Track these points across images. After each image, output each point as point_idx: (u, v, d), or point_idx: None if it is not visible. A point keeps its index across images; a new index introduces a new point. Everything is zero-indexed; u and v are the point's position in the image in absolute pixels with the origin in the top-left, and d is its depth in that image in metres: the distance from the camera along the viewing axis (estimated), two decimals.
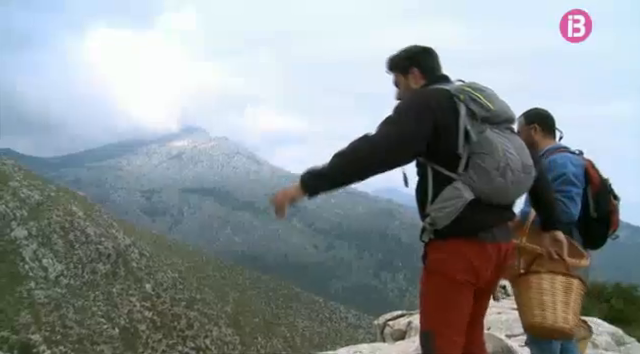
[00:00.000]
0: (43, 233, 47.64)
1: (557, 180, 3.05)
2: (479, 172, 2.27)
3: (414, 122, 2.26)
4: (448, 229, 2.28)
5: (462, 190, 2.26)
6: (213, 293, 62.80)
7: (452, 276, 2.31)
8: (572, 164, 3.14)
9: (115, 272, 50.89)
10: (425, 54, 2.58)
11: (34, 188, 53.27)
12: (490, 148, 2.29)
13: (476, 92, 2.35)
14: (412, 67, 2.56)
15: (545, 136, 3.36)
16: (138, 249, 57.00)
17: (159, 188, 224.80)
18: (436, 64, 2.57)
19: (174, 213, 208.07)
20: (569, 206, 3.00)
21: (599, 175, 3.19)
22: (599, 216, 3.16)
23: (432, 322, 2.37)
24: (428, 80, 2.53)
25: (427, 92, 2.41)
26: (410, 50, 2.60)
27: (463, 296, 2.35)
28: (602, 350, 5.70)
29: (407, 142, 2.25)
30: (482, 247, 2.32)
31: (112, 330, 43.88)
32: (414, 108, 2.31)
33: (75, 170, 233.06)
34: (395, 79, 2.63)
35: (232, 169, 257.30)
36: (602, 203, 3.15)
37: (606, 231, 3.19)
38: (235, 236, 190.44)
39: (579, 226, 3.19)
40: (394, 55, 2.63)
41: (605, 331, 6.27)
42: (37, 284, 42.91)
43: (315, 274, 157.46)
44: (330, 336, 68.01)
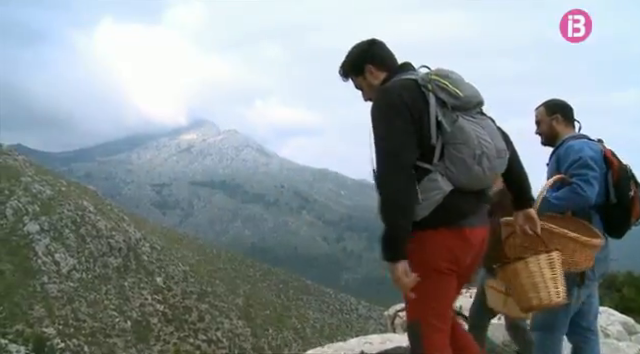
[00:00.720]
0: (55, 228, 48.05)
1: (574, 164, 3.03)
2: (455, 162, 2.28)
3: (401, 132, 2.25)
4: (428, 220, 2.28)
5: (440, 181, 2.27)
6: (224, 286, 63.12)
7: (435, 265, 2.32)
8: (590, 149, 3.10)
9: (126, 266, 51.26)
10: (373, 47, 2.52)
11: (45, 183, 53.71)
12: (464, 137, 2.29)
13: (443, 79, 2.32)
14: (365, 64, 2.49)
15: (567, 126, 3.34)
16: (149, 243, 57.37)
17: (169, 182, 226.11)
18: (387, 53, 2.52)
19: (184, 206, 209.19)
20: (585, 189, 2.95)
21: (619, 161, 3.15)
22: (620, 202, 3.12)
23: (418, 312, 2.39)
24: (389, 71, 2.48)
25: (395, 88, 2.34)
26: (358, 47, 2.55)
27: (447, 284, 2.38)
28: (614, 339, 5.66)
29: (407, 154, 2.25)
30: (462, 235, 2.34)
31: (124, 323, 44.26)
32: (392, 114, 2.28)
33: (86, 165, 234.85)
34: (355, 84, 2.55)
35: (241, 162, 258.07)
36: (623, 189, 3.10)
37: (627, 218, 3.14)
38: (245, 229, 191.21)
39: (600, 212, 3.16)
40: (343, 62, 2.57)
41: (617, 320, 6.21)
42: (50, 278, 43.33)
43: (325, 266, 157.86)
44: (341, 327, 68.20)
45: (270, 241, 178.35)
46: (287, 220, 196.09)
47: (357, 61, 2.51)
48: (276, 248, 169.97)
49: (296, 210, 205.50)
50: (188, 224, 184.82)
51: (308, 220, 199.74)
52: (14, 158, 58.27)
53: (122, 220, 58.20)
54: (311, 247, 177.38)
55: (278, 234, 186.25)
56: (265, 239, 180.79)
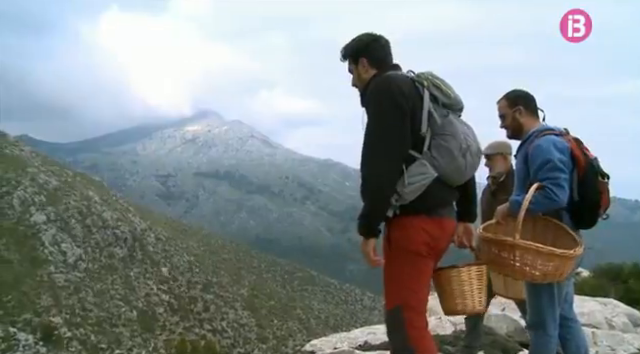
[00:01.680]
0: (61, 218, 48.30)
1: (544, 167, 3.00)
2: (442, 152, 2.47)
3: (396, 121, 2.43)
4: (413, 205, 2.44)
5: (428, 167, 2.44)
6: (229, 276, 63.41)
7: (417, 251, 2.48)
8: (556, 148, 3.04)
9: (132, 256, 51.54)
10: (374, 44, 2.68)
11: (52, 174, 53.95)
12: (453, 130, 2.51)
13: (436, 80, 2.54)
14: (361, 57, 2.66)
15: (530, 117, 3.30)
16: (154, 233, 57.62)
17: (174, 172, 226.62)
18: (385, 54, 2.68)
19: (189, 197, 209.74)
20: (557, 193, 2.93)
21: (585, 156, 3.12)
22: (586, 198, 3.11)
23: (401, 297, 2.51)
24: (379, 70, 2.64)
25: (394, 79, 2.52)
26: (360, 39, 2.70)
27: (426, 267, 2.55)
28: (619, 331, 5.67)
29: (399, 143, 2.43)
30: (441, 222, 2.53)
31: (130, 313, 44.57)
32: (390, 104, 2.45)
33: (91, 155, 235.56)
34: (349, 67, 2.73)
35: (246, 153, 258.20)
36: (589, 184, 3.09)
37: (595, 212, 3.13)
38: (250, 220, 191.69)
39: (567, 209, 3.15)
40: (346, 44, 2.74)
41: (622, 312, 6.22)
42: (57, 268, 43.63)
43: (330, 257, 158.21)
44: (345, 318, 68.45)
45: (275, 232, 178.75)
46: (292, 211, 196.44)
47: (355, 50, 2.69)
48: (281, 239, 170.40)
49: (301, 201, 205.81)
50: (193, 215, 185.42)
51: (313, 211, 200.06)
52: (21, 149, 58.49)
53: (127, 211, 58.44)
54: (316, 238, 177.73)
55: (283, 225, 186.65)
56: (270, 230, 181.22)
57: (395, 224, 2.50)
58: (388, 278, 2.55)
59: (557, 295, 3.26)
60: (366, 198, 2.45)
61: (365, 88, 2.64)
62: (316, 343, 5.99)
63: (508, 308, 5.83)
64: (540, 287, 3.24)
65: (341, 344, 5.71)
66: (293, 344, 49.87)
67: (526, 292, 3.38)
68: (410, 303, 2.50)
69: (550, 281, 2.97)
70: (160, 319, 46.65)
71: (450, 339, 5.04)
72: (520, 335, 5.45)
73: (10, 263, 41.36)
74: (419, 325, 2.51)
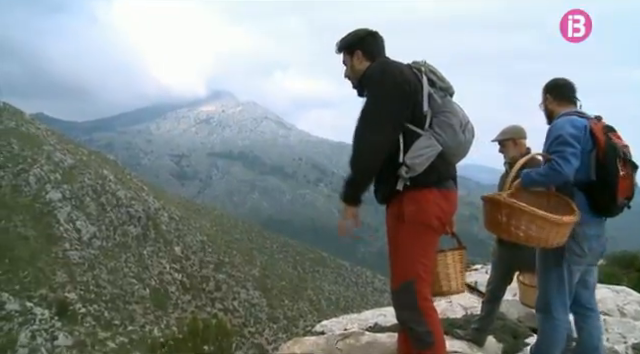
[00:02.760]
0: (76, 196, 48.86)
1: (554, 142, 3.08)
2: (445, 128, 2.64)
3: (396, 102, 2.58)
4: (421, 179, 2.58)
5: (434, 140, 2.60)
6: (241, 256, 63.90)
7: (429, 223, 2.61)
8: (572, 126, 3.11)
9: (145, 235, 52.09)
10: (369, 38, 2.82)
11: (67, 152, 54.46)
12: (452, 108, 2.71)
13: (429, 67, 2.72)
14: (356, 49, 2.80)
15: (559, 104, 3.39)
16: (167, 212, 58.13)
17: (188, 152, 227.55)
18: (379, 48, 2.83)
19: (203, 177, 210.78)
20: (562, 165, 3.00)
21: (607, 137, 3.10)
22: (603, 180, 3.08)
23: (414, 270, 2.62)
24: (373, 62, 2.76)
25: (392, 62, 2.72)
26: (356, 33, 2.84)
27: (434, 240, 2.70)
28: (630, 319, 5.64)
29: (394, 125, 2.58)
30: (448, 195, 2.69)
31: (143, 290, 45.20)
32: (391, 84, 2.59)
33: (106, 134, 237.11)
34: (343, 59, 2.89)
35: (260, 133, 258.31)
36: (608, 167, 3.06)
37: (611, 196, 3.10)
38: (263, 200, 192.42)
39: (583, 190, 3.15)
40: (342, 37, 2.86)
41: (634, 300, 6.19)
42: (72, 245, 44.25)
43: (342, 239, 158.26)
44: (356, 300, 68.83)
45: (287, 213, 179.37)
46: (304, 192, 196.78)
47: (351, 43, 2.83)
48: (293, 220, 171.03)
49: (314, 182, 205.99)
50: (206, 195, 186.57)
51: (325, 193, 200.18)
52: (37, 127, 59.05)
53: (141, 190, 58.97)
54: (328, 220, 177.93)
55: (295, 206, 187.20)
56: (282, 211, 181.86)
57: (408, 198, 2.62)
58: (402, 252, 2.66)
59: (567, 280, 3.26)
60: (354, 166, 2.59)
61: (360, 79, 2.79)
62: (326, 324, 6.03)
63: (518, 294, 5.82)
64: (549, 270, 3.27)
65: (351, 325, 5.74)
66: (304, 324, 50.33)
67: (537, 274, 3.42)
68: (422, 276, 2.62)
69: (533, 245, 3.10)
70: (172, 297, 47.28)
71: (461, 323, 5.04)
72: (531, 320, 5.45)
73: (27, 239, 42.03)
74: (427, 297, 2.65)
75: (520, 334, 4.93)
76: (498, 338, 4.65)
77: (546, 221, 2.92)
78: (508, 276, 4.45)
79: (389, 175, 2.63)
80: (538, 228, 2.94)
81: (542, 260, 3.33)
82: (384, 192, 2.74)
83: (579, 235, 3.15)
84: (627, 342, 4.98)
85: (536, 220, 2.93)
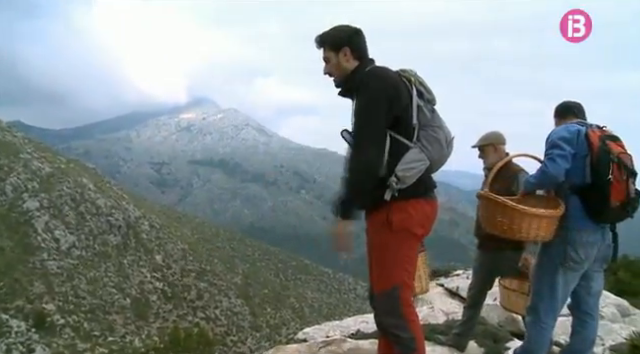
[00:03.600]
0: (54, 205, 48.14)
1: (547, 146, 3.22)
2: (432, 142, 2.68)
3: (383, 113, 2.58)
4: (411, 190, 2.61)
5: (424, 154, 2.64)
6: (222, 264, 63.49)
7: (414, 232, 2.67)
8: (565, 130, 3.23)
9: (126, 243, 51.49)
10: (356, 36, 2.78)
11: (44, 160, 53.67)
12: (440, 123, 2.75)
13: (419, 78, 2.73)
14: (344, 46, 2.75)
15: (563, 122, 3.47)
16: (148, 221, 57.53)
17: (168, 160, 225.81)
18: (365, 46, 2.79)
19: (183, 185, 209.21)
20: (547, 166, 3.12)
21: (602, 143, 3.17)
22: (596, 184, 3.14)
23: (399, 277, 2.67)
24: (361, 61, 2.76)
25: (388, 73, 2.69)
26: (343, 29, 2.79)
27: (416, 248, 2.77)
28: (607, 321, 5.72)
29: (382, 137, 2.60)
30: (432, 204, 2.75)
31: (123, 300, 44.61)
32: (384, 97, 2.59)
33: (85, 142, 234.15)
34: (325, 55, 2.81)
35: (241, 141, 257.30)
36: (600, 170, 3.13)
37: (605, 200, 3.15)
38: (244, 208, 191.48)
39: (578, 193, 3.20)
40: (325, 32, 2.81)
41: (611, 303, 6.28)
42: (49, 255, 43.54)
43: (324, 246, 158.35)
44: (339, 307, 68.73)
45: (269, 220, 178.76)
46: (286, 200, 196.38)
47: (339, 39, 2.76)
48: (275, 228, 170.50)
49: (295, 190, 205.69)
50: (187, 203, 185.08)
51: (307, 200, 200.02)
52: (13, 135, 58.13)
53: (121, 198, 58.30)
54: (310, 227, 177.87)
55: (277, 213, 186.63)
56: (264, 218, 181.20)
57: (397, 208, 2.63)
58: (388, 259, 2.69)
59: (561, 286, 3.28)
60: (353, 182, 2.58)
61: (347, 79, 2.75)
62: (309, 331, 6.02)
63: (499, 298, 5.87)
64: (544, 275, 3.31)
65: (334, 332, 5.74)
66: (286, 332, 50.08)
67: (532, 274, 3.52)
68: (406, 282, 2.67)
69: (509, 237, 3.23)
70: (153, 307, 46.74)
71: (442, 328, 5.07)
72: (511, 324, 5.50)
73: (2, 250, 41.25)
74: (410, 303, 2.70)
75: (501, 338, 4.97)
76: (479, 343, 4.68)
77: (515, 211, 3.08)
78: (489, 281, 4.49)
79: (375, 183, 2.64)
80: (509, 218, 3.10)
81: (538, 264, 3.40)
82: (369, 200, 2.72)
83: (575, 241, 3.20)
84: (605, 344, 5.05)
85: (507, 210, 3.10)
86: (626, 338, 5.02)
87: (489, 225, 3.27)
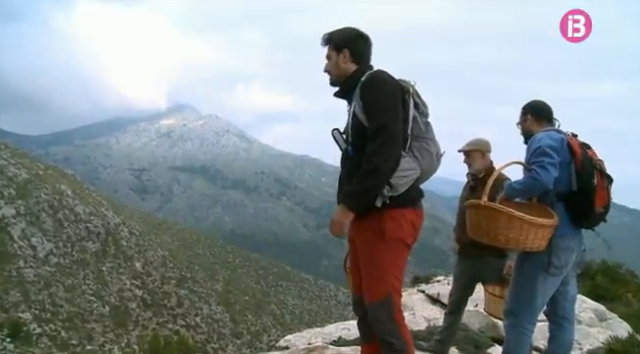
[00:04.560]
0: (32, 212, 47.33)
1: (534, 153, 3.24)
2: (424, 154, 2.72)
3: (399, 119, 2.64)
4: (403, 197, 2.64)
5: (416, 164, 2.68)
6: (203, 271, 62.97)
7: (406, 241, 2.70)
8: (550, 138, 3.30)
9: (105, 251, 50.81)
10: (360, 39, 2.83)
11: (22, 166, 52.77)
12: (433, 136, 2.79)
13: (416, 89, 2.75)
14: (345, 47, 2.79)
15: (539, 124, 3.55)
16: (128, 228, 56.87)
17: (149, 166, 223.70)
18: (367, 52, 2.84)
19: (164, 191, 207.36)
20: (540, 174, 3.13)
21: (583, 151, 3.26)
22: (582, 191, 3.22)
23: (392, 285, 2.69)
24: (359, 65, 2.80)
25: (393, 81, 2.71)
26: (347, 31, 2.83)
27: (407, 256, 2.80)
28: (585, 326, 5.80)
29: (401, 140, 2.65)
30: (420, 214, 2.80)
31: (102, 308, 43.98)
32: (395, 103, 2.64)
33: (63, 148, 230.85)
34: (327, 53, 2.85)
35: (222, 147, 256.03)
36: (585, 177, 3.21)
37: (591, 207, 3.23)
38: (225, 215, 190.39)
39: (564, 200, 3.26)
40: (332, 32, 2.85)
41: (589, 307, 6.38)
42: (26, 263, 42.75)
43: (305, 252, 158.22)
44: (320, 314, 68.57)
45: (250, 227, 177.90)
46: (267, 206, 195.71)
47: (341, 40, 2.81)
48: (256, 234, 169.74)
49: (276, 196, 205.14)
50: (167, 209, 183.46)
51: (288, 206, 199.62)
52: None
53: (101, 205, 57.55)
54: (291, 233, 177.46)
55: (258, 220, 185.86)
56: (245, 225, 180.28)
57: (388, 216, 2.66)
58: (381, 267, 2.69)
59: (541, 291, 3.33)
60: (372, 184, 2.55)
61: (345, 80, 2.80)
62: (290, 338, 6.01)
63: (481, 304, 5.92)
64: (525, 280, 3.35)
65: (315, 339, 5.74)
66: (267, 339, 49.81)
67: (511, 280, 3.51)
68: (398, 289, 2.73)
69: (512, 248, 3.25)
70: (133, 314, 46.14)
71: (424, 334, 5.10)
72: (492, 330, 5.55)
73: None
74: (400, 308, 2.75)
75: (482, 344, 5.01)
76: (461, 349, 4.72)
77: (523, 222, 3.03)
78: (470, 288, 4.53)
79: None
80: (516, 229, 3.04)
81: (519, 269, 3.41)
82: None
83: (557, 247, 3.25)
84: (582, 349, 5.12)
85: (514, 221, 3.03)
86: (603, 342, 5.10)
87: (487, 236, 3.19)
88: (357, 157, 2.67)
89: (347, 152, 2.79)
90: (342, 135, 2.81)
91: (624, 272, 10.12)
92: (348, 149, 2.76)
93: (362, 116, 2.67)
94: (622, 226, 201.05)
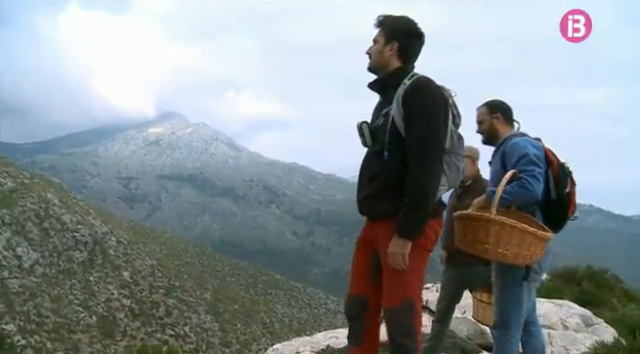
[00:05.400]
0: (17, 221, 46.84)
1: (521, 161, 3.19)
2: (452, 169, 2.66)
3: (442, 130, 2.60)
4: (433, 209, 2.61)
5: (444, 179, 2.63)
6: (192, 280, 62.60)
7: (430, 248, 2.72)
8: (533, 146, 3.28)
9: (92, 260, 50.36)
10: (415, 38, 2.72)
11: (7, 175, 52.26)
12: (461, 151, 2.73)
13: (454, 100, 2.69)
14: (395, 40, 2.67)
15: (506, 125, 3.54)
16: (116, 236, 56.44)
17: (137, 175, 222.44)
18: (417, 51, 2.73)
19: (152, 200, 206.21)
20: (533, 184, 3.09)
21: (557, 158, 3.31)
22: (558, 198, 3.26)
23: (415, 290, 2.70)
24: (404, 63, 2.70)
25: (441, 92, 2.63)
26: (404, 23, 2.71)
27: (427, 260, 2.81)
28: (572, 331, 5.84)
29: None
30: (442, 222, 2.81)
31: (89, 318, 43.51)
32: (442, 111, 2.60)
33: (50, 157, 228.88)
34: (375, 37, 2.74)
35: (211, 155, 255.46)
36: (561, 185, 3.24)
37: (565, 213, 3.28)
38: (214, 223, 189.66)
39: (541, 208, 3.29)
40: (391, 17, 2.73)
41: (575, 313, 6.41)
42: (11, 273, 42.25)
43: (294, 260, 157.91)
44: (309, 322, 68.36)
45: (239, 235, 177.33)
46: (256, 214, 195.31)
47: (395, 30, 2.69)
48: (245, 242, 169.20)
49: (265, 204, 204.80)
50: (156, 218, 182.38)
51: (277, 214, 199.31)
52: None
53: (88, 213, 57.10)
54: (280, 241, 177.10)
55: (247, 228, 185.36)
56: (234, 233, 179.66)
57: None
58: (405, 272, 2.62)
59: (525, 298, 3.35)
60: (425, 203, 2.53)
61: (386, 74, 2.71)
62: (279, 347, 5.99)
63: (469, 311, 5.94)
64: (509, 289, 3.35)
65: (303, 348, 5.72)
66: (257, 348, 49.53)
67: (495, 291, 3.48)
68: (419, 294, 2.75)
69: (520, 263, 3.06)
70: (121, 324, 45.70)
71: None
72: (479, 337, 5.57)
73: None
74: (420, 312, 2.77)
75: (469, 351, 5.03)
76: None
77: (535, 237, 2.95)
78: (457, 295, 4.54)
79: (396, 193, 2.60)
80: (528, 245, 2.94)
81: (502, 279, 3.37)
82: (387, 209, 2.65)
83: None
84: None
85: (527, 237, 2.93)
86: (590, 348, 5.13)
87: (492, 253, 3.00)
88: (391, 163, 2.62)
89: (377, 154, 2.68)
90: (371, 132, 2.69)
91: (609, 277, 10.20)
92: (384, 153, 2.62)
93: (401, 124, 2.58)
94: (608, 232, 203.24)
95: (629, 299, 9.29)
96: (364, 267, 2.86)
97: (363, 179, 2.82)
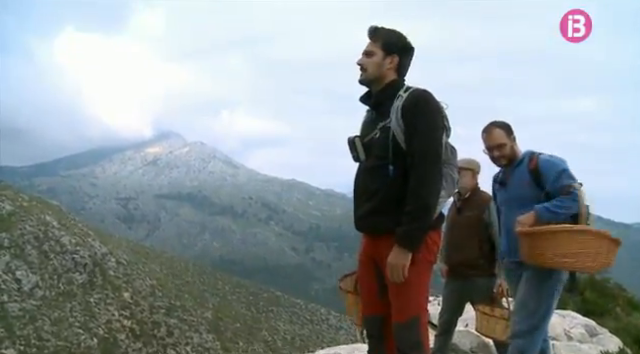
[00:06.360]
0: (16, 244, 46.63)
1: (562, 175, 3.26)
2: (448, 179, 2.67)
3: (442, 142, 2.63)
4: (435, 221, 2.64)
5: (444, 191, 2.65)
6: (193, 299, 62.16)
7: (433, 261, 2.72)
8: (562, 161, 3.40)
9: (92, 281, 50.01)
10: (411, 51, 2.74)
11: (5, 198, 52.14)
12: (455, 162, 2.75)
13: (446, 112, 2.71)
14: (395, 53, 2.68)
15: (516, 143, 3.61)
16: (115, 257, 56.12)
17: (135, 195, 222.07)
18: (409, 64, 2.76)
19: (151, 220, 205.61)
20: (577, 197, 3.20)
21: None
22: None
23: (421, 306, 2.71)
24: (399, 77, 2.73)
25: (439, 104, 2.65)
26: (401, 37, 2.72)
27: (431, 273, 2.80)
28: (576, 342, 5.81)
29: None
30: (441, 234, 2.82)
31: (90, 341, 43.10)
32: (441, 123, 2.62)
33: (48, 179, 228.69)
34: (370, 49, 2.70)
35: (209, 174, 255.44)
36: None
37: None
38: (213, 241, 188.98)
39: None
40: (381, 28, 2.70)
41: (579, 323, 6.39)
42: (10, 297, 41.93)
43: (295, 277, 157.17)
44: (312, 338, 67.78)
45: (239, 253, 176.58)
46: (255, 231, 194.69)
47: (395, 43, 2.70)
48: (245, 260, 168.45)
49: (264, 221, 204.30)
50: (155, 238, 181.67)
51: (277, 231, 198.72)
52: None
53: (87, 235, 56.84)
54: (280, 258, 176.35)
55: (247, 246, 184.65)
56: (234, 251, 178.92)
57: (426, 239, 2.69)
58: (410, 288, 2.64)
59: (553, 308, 3.35)
60: (426, 214, 2.54)
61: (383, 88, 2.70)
62: None
63: (471, 324, 5.92)
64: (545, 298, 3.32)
65: None
66: None
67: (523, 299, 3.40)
68: (426, 309, 2.75)
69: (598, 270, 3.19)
70: (122, 346, 45.24)
71: None
72: (483, 350, 5.53)
73: None
74: (427, 326, 2.76)
75: None
76: None
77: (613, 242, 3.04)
78: (459, 308, 4.53)
79: (397, 209, 2.58)
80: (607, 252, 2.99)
81: (536, 288, 3.36)
82: (389, 226, 2.62)
83: None
84: None
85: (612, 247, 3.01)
86: None
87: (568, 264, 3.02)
88: (394, 177, 2.62)
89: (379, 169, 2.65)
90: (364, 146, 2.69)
91: (612, 286, 10.17)
92: (389, 167, 2.61)
93: (401, 137, 2.58)
94: None
95: (633, 308, 9.25)
96: (371, 288, 2.85)
97: (360, 195, 2.79)
